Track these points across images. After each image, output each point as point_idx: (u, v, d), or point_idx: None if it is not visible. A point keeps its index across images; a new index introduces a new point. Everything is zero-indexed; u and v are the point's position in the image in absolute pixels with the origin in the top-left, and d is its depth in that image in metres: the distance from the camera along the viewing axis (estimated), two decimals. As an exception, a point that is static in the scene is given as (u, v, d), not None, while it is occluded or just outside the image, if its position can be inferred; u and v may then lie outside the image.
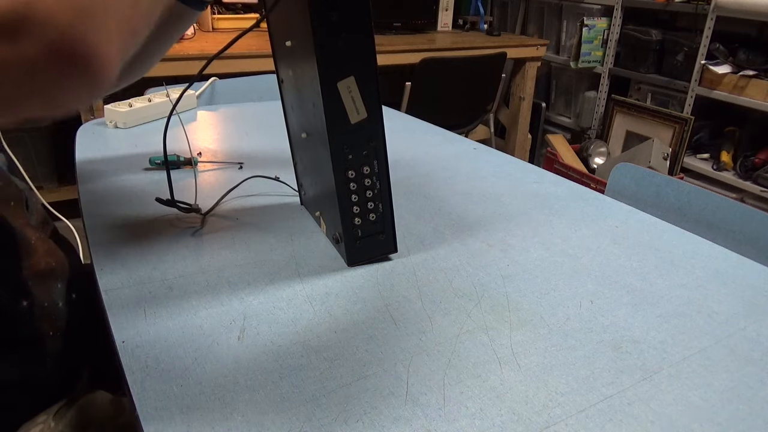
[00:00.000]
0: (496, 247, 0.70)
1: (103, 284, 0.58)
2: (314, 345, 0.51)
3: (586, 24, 2.66)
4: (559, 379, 0.48)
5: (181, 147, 0.94)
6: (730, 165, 2.28)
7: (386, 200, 0.63)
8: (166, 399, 0.44)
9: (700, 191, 0.87)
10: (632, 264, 0.67)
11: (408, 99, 2.19)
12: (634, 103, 2.54)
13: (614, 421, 0.44)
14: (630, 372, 0.49)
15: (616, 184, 0.98)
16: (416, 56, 2.17)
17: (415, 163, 0.97)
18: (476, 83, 2.39)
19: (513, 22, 3.25)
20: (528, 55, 2.63)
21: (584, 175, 2.33)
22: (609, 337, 0.54)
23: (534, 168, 0.98)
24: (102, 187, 0.83)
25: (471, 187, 0.88)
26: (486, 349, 0.51)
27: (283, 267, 0.63)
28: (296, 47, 0.59)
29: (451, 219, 0.77)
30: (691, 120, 2.28)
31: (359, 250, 0.64)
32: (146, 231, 0.70)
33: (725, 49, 2.20)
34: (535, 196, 0.85)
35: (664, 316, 0.57)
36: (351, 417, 0.43)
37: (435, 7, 2.79)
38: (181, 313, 0.54)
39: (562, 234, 0.74)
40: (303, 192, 0.78)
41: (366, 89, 0.56)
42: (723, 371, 0.50)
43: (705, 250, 0.72)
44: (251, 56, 1.92)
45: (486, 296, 0.59)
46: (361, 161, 0.59)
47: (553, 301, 0.59)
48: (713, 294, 0.62)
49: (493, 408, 0.44)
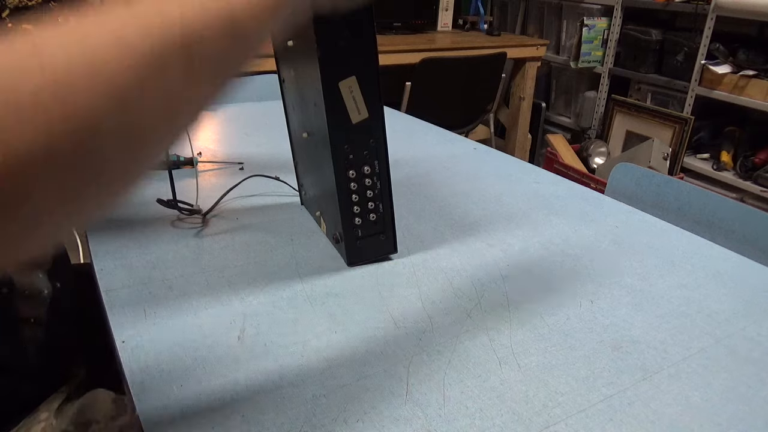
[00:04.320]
0: (496, 247, 0.70)
1: (103, 284, 0.58)
2: (314, 345, 0.51)
3: (586, 24, 2.66)
4: (559, 379, 0.48)
5: (181, 147, 0.94)
6: (730, 165, 2.28)
7: (387, 200, 0.63)
8: (166, 399, 0.44)
9: (700, 191, 0.87)
10: (632, 264, 0.67)
11: (408, 99, 2.19)
12: (634, 103, 2.54)
13: (614, 421, 0.44)
14: (630, 372, 0.49)
15: (616, 184, 0.98)
16: (416, 56, 2.17)
17: (415, 163, 0.97)
18: (476, 83, 2.39)
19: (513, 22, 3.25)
20: (528, 55, 2.63)
21: (584, 175, 2.33)
22: (609, 337, 0.54)
23: (534, 168, 0.98)
24: (102, 186, 0.83)
25: (471, 187, 0.88)
26: (486, 349, 0.51)
27: (283, 267, 0.63)
28: (298, 47, 0.59)
29: (451, 219, 0.77)
30: (691, 120, 2.28)
31: (359, 250, 0.64)
32: (146, 231, 0.70)
33: (725, 49, 2.20)
34: (535, 196, 0.85)
35: (664, 316, 0.57)
36: (351, 417, 0.43)
37: (435, 7, 2.79)
38: (181, 313, 0.54)
39: (562, 234, 0.74)
40: (303, 192, 0.78)
41: (367, 89, 0.56)
42: (723, 371, 0.50)
43: (705, 250, 0.72)
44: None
45: (486, 296, 0.59)
46: (361, 161, 0.59)
47: (553, 301, 0.59)
48: (713, 294, 0.62)
49: (493, 408, 0.44)
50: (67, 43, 0.24)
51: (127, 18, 0.26)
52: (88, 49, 0.24)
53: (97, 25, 0.25)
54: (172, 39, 0.26)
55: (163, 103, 0.27)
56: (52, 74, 0.23)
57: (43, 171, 0.23)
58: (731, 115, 2.32)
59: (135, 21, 0.26)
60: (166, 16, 0.27)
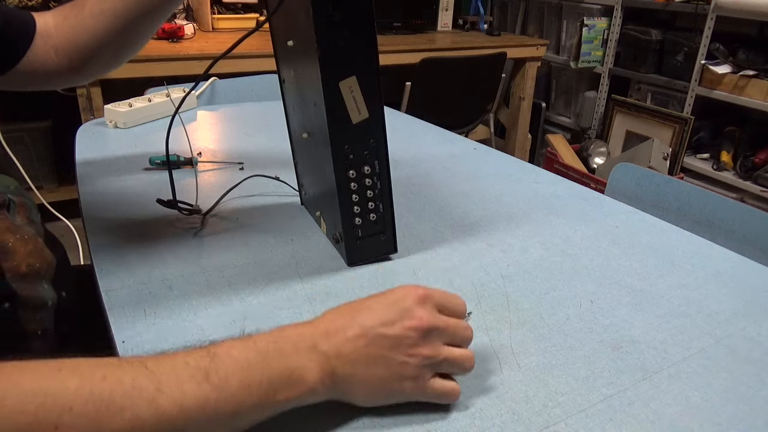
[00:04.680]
0: (496, 247, 0.70)
1: (103, 284, 0.58)
2: (314, 345, 0.51)
3: (586, 24, 2.66)
4: (559, 379, 0.48)
5: (181, 147, 0.94)
6: (730, 165, 2.28)
7: (387, 200, 0.63)
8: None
9: (700, 191, 0.87)
10: (632, 264, 0.67)
11: (408, 99, 2.19)
12: (634, 103, 2.54)
13: (614, 421, 0.44)
14: (630, 372, 0.49)
15: (616, 184, 0.98)
16: (416, 56, 2.17)
17: (415, 163, 0.97)
18: (476, 83, 2.39)
19: (513, 22, 3.25)
20: (528, 55, 2.63)
21: (584, 175, 2.33)
22: (609, 337, 0.54)
23: (534, 168, 0.98)
24: (102, 187, 0.83)
25: (471, 187, 0.88)
26: (486, 349, 0.51)
27: (283, 267, 0.63)
28: (298, 47, 0.59)
29: (451, 219, 0.77)
30: (691, 120, 2.28)
31: (359, 250, 0.64)
32: (146, 231, 0.70)
33: (725, 49, 2.20)
34: (535, 196, 0.85)
35: (664, 316, 0.57)
36: (351, 417, 0.43)
37: (435, 7, 2.78)
38: (181, 313, 0.54)
39: (562, 234, 0.74)
40: (303, 192, 0.78)
41: (368, 89, 0.56)
42: (723, 371, 0.50)
43: (705, 250, 0.72)
44: (251, 56, 1.91)
45: (486, 296, 0.59)
46: (362, 161, 0.59)
47: (553, 301, 0.59)
48: (713, 294, 0.62)
49: (493, 408, 0.44)
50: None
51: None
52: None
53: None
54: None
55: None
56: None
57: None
58: (731, 115, 2.31)
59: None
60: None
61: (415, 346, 0.41)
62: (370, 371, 0.40)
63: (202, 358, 0.36)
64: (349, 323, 0.40)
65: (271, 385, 0.37)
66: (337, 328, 0.40)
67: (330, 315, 0.42)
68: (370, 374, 0.40)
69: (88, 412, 0.31)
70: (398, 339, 0.40)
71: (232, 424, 0.36)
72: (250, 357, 0.37)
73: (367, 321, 0.40)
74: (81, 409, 0.31)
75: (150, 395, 0.33)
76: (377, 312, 0.41)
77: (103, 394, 0.31)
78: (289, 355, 0.38)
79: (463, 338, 0.44)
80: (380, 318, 0.41)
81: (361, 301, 0.43)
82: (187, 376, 0.34)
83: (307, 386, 0.39)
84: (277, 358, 0.38)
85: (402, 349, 0.40)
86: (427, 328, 0.41)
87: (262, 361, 0.37)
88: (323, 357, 0.39)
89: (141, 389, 0.32)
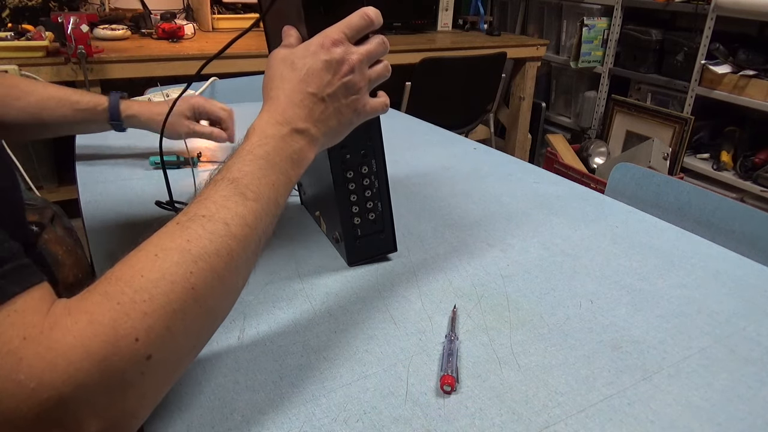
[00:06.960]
0: (496, 247, 0.70)
1: (103, 284, 0.58)
2: (314, 345, 0.51)
3: (586, 24, 2.66)
4: (559, 379, 0.48)
5: (181, 147, 0.94)
6: (730, 165, 2.28)
7: (385, 199, 0.63)
8: (166, 399, 0.44)
9: (700, 191, 0.87)
10: (632, 264, 0.67)
11: (408, 99, 2.19)
12: (634, 103, 2.54)
13: (614, 421, 0.44)
14: (630, 372, 0.49)
15: (616, 184, 0.98)
16: (416, 56, 2.17)
17: (415, 163, 0.97)
18: (476, 83, 2.39)
19: (513, 22, 3.25)
20: (528, 55, 2.63)
21: (584, 175, 2.33)
22: (609, 337, 0.53)
23: (534, 168, 0.98)
24: (102, 187, 0.83)
25: (471, 187, 0.88)
26: (486, 349, 0.51)
27: (283, 267, 0.63)
28: None
29: (451, 219, 0.77)
30: (691, 120, 2.28)
31: (359, 249, 0.64)
32: (146, 232, 0.70)
33: (725, 49, 2.19)
34: (535, 196, 0.85)
35: (664, 316, 0.57)
36: (351, 417, 0.43)
37: (435, 7, 2.78)
38: (181, 313, 0.54)
39: (562, 234, 0.74)
40: (303, 192, 0.78)
41: None
42: (723, 371, 0.50)
43: (705, 250, 0.72)
44: (251, 56, 1.91)
45: (486, 296, 0.59)
46: (359, 161, 0.59)
47: (553, 301, 0.59)
48: (713, 294, 0.62)
49: (493, 408, 0.44)
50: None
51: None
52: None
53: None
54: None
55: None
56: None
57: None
58: (731, 115, 2.31)
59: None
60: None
61: (355, 85, 0.50)
62: (338, 120, 0.50)
63: (228, 188, 0.42)
64: (304, 98, 0.48)
65: (286, 174, 0.47)
66: (297, 105, 0.48)
67: (282, 99, 0.49)
68: (338, 122, 0.50)
69: (206, 264, 0.38)
70: (344, 87, 0.49)
71: (277, 213, 0.46)
72: (261, 165, 0.45)
73: (313, 88, 0.48)
74: (203, 264, 0.38)
75: (226, 231, 0.40)
76: (316, 77, 0.48)
77: (208, 249, 0.39)
78: (284, 146, 0.47)
79: (380, 53, 0.52)
80: (321, 80, 0.48)
81: (290, 73, 0.49)
82: (233, 204, 0.42)
83: (307, 159, 0.49)
84: (279, 154, 0.46)
85: (350, 92, 0.50)
86: (355, 64, 0.50)
87: (270, 162, 0.46)
88: (305, 133, 0.48)
89: (216, 233, 0.40)
